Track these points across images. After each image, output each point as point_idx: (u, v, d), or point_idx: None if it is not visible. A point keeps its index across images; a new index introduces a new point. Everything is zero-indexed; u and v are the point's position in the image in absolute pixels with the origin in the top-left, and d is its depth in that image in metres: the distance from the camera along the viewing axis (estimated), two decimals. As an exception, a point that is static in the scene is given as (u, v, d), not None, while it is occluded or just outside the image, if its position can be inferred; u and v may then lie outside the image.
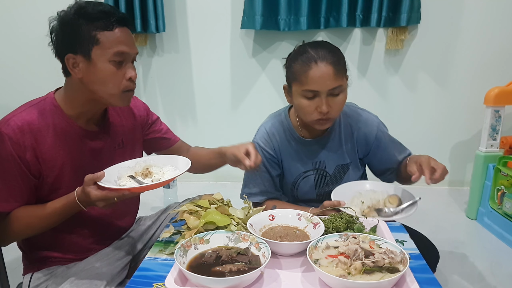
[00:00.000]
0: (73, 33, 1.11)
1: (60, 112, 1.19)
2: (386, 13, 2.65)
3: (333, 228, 1.13)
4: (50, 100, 1.20)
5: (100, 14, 1.11)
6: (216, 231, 1.10)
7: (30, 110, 1.16)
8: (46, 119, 1.16)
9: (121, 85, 1.16)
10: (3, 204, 1.13)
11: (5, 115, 1.16)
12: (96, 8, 1.12)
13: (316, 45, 1.31)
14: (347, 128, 1.45)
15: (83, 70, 1.14)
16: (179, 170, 1.18)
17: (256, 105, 2.97)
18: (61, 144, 1.17)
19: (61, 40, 1.14)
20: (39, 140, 1.14)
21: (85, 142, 1.22)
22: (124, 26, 1.15)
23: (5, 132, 1.09)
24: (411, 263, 0.98)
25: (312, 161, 1.46)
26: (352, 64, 2.89)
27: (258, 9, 2.66)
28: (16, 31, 2.97)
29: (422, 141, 2.93)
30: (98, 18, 1.11)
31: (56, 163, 1.16)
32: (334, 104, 1.29)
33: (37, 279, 1.26)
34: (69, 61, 1.13)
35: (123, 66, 1.16)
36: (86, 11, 1.11)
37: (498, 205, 2.28)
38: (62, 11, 1.14)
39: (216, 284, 0.90)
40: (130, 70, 1.17)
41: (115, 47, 1.12)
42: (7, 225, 1.15)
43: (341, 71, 1.28)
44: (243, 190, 1.50)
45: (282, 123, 1.47)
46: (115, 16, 1.12)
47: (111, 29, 1.11)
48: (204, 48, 2.93)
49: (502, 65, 2.78)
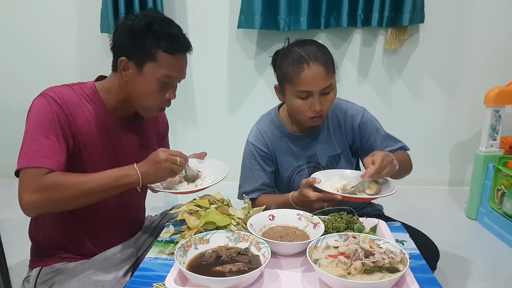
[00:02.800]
0: (136, 41, 1.17)
1: (98, 97, 1.25)
2: (388, 13, 2.64)
3: (333, 228, 1.13)
4: (90, 86, 1.25)
5: (168, 36, 1.17)
6: (216, 231, 1.10)
7: (72, 87, 1.22)
8: (85, 100, 1.22)
9: (158, 103, 1.23)
10: (43, 160, 1.09)
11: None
12: (167, 29, 1.17)
13: (304, 44, 1.34)
14: (334, 119, 1.50)
15: (130, 76, 1.19)
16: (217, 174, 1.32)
17: (255, 106, 2.96)
18: (94, 124, 1.22)
19: (122, 42, 1.19)
20: (76, 114, 1.18)
21: (116, 132, 1.27)
22: (185, 53, 1.21)
23: (51, 96, 1.15)
24: (411, 263, 0.98)
25: (305, 154, 1.50)
26: (352, 64, 2.89)
27: (257, 8, 2.66)
28: (12, 34, 2.97)
29: (422, 141, 2.93)
30: (165, 39, 1.16)
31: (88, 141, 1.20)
32: (326, 101, 1.34)
33: (45, 274, 1.26)
34: (121, 63, 1.19)
35: (167, 87, 1.22)
36: (157, 29, 1.16)
37: (498, 205, 2.28)
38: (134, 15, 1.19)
39: (216, 284, 0.90)
40: (172, 92, 1.24)
41: (167, 70, 1.18)
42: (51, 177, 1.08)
43: (331, 70, 1.33)
44: (239, 191, 1.53)
45: (273, 120, 1.51)
46: (180, 43, 1.18)
47: (172, 53, 1.17)
48: (204, 48, 2.93)
49: (502, 65, 2.78)
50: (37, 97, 1.17)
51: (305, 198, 1.27)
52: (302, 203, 1.31)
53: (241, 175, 1.53)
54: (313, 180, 1.27)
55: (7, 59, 3.04)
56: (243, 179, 1.52)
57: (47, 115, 1.13)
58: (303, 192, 1.27)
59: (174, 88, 1.26)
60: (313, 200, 1.25)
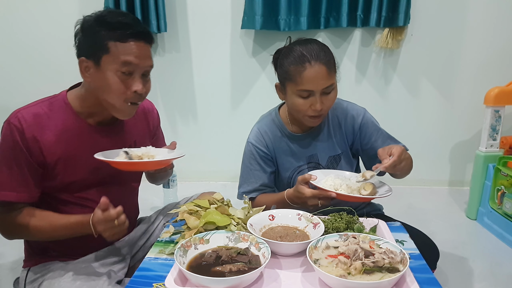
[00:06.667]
0: (89, 38, 1.14)
1: (69, 109, 1.22)
2: (385, 13, 2.64)
3: (333, 228, 1.13)
4: (61, 97, 1.24)
5: (118, 24, 1.12)
6: (216, 231, 1.10)
7: (39, 105, 1.21)
8: (54, 114, 1.20)
9: (124, 96, 1.17)
10: (10, 193, 1.15)
11: (4, 116, 1.18)
12: (116, 18, 1.14)
13: (306, 43, 1.34)
14: (335, 120, 1.49)
15: (92, 75, 1.17)
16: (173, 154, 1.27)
17: (256, 105, 2.96)
18: (67, 138, 1.20)
19: (79, 42, 1.17)
20: (45, 133, 1.17)
21: (93, 137, 1.25)
22: (141, 41, 1.15)
23: (13, 123, 1.14)
24: (411, 263, 0.98)
25: (305, 155, 1.50)
26: (352, 64, 2.89)
27: (258, 9, 2.66)
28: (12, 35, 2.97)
29: (422, 141, 2.93)
30: (115, 28, 1.12)
31: (60, 155, 1.19)
32: (327, 101, 1.34)
33: (34, 273, 1.27)
34: (82, 64, 1.17)
35: (130, 78, 1.16)
36: (105, 20, 1.13)
37: (498, 205, 2.28)
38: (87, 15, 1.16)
39: (216, 284, 0.90)
40: (137, 83, 1.17)
41: (122, 57, 1.13)
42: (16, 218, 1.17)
43: (332, 70, 1.33)
44: (238, 191, 1.53)
45: (273, 121, 1.51)
46: (132, 29, 1.13)
47: (124, 40, 1.13)
48: (205, 48, 2.93)
49: (502, 65, 2.78)
50: (4, 122, 1.16)
51: (300, 195, 1.27)
52: (297, 199, 1.30)
53: (241, 175, 1.53)
54: (309, 176, 1.26)
55: (7, 60, 3.03)
56: (243, 179, 1.52)
57: (10, 145, 1.14)
58: (298, 188, 1.27)
59: (139, 79, 1.17)
60: (308, 196, 1.24)
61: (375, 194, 1.24)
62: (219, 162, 3.03)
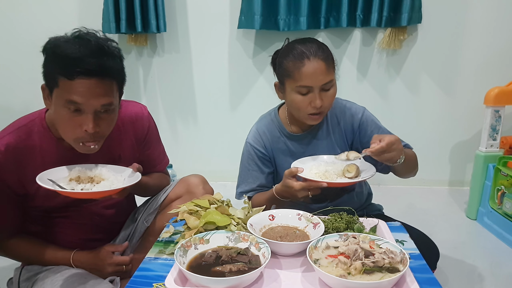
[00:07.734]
0: (45, 66, 1.10)
1: (48, 134, 1.18)
2: (387, 13, 2.63)
3: (333, 228, 1.13)
4: (39, 121, 1.19)
5: (66, 60, 1.03)
6: (216, 231, 1.10)
7: (16, 133, 1.16)
8: (33, 141, 1.17)
9: (73, 134, 1.09)
10: None
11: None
12: (69, 50, 1.03)
13: (305, 41, 1.35)
14: (334, 119, 1.49)
15: (49, 106, 1.13)
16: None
17: (255, 105, 2.96)
18: (47, 165, 1.15)
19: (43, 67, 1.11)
20: (23, 163, 1.15)
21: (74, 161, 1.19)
22: (93, 78, 1.04)
23: None
24: (411, 263, 0.98)
25: (304, 154, 1.49)
26: (352, 64, 2.88)
27: (257, 8, 2.65)
28: (13, 33, 2.97)
29: (422, 141, 2.92)
30: (64, 63, 1.03)
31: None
32: (326, 98, 1.33)
33: (27, 271, 1.28)
34: (44, 91, 1.12)
35: (81, 115, 1.07)
36: (57, 51, 1.05)
37: (498, 205, 2.28)
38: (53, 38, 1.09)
39: (216, 284, 0.90)
40: (87, 122, 1.06)
41: (66, 95, 1.05)
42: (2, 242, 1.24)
43: (331, 66, 1.33)
44: (236, 191, 1.53)
45: (272, 121, 1.51)
46: (80, 66, 1.02)
47: (71, 78, 1.03)
48: (204, 48, 2.93)
49: (502, 65, 2.78)
50: None
51: (288, 189, 1.27)
52: (286, 193, 1.30)
53: (239, 175, 1.53)
54: (296, 169, 1.26)
55: (8, 58, 3.03)
56: (241, 179, 1.52)
57: None
58: (286, 183, 1.27)
59: (91, 117, 1.07)
60: (297, 189, 1.24)
61: (359, 175, 1.26)
62: (219, 162, 3.02)
